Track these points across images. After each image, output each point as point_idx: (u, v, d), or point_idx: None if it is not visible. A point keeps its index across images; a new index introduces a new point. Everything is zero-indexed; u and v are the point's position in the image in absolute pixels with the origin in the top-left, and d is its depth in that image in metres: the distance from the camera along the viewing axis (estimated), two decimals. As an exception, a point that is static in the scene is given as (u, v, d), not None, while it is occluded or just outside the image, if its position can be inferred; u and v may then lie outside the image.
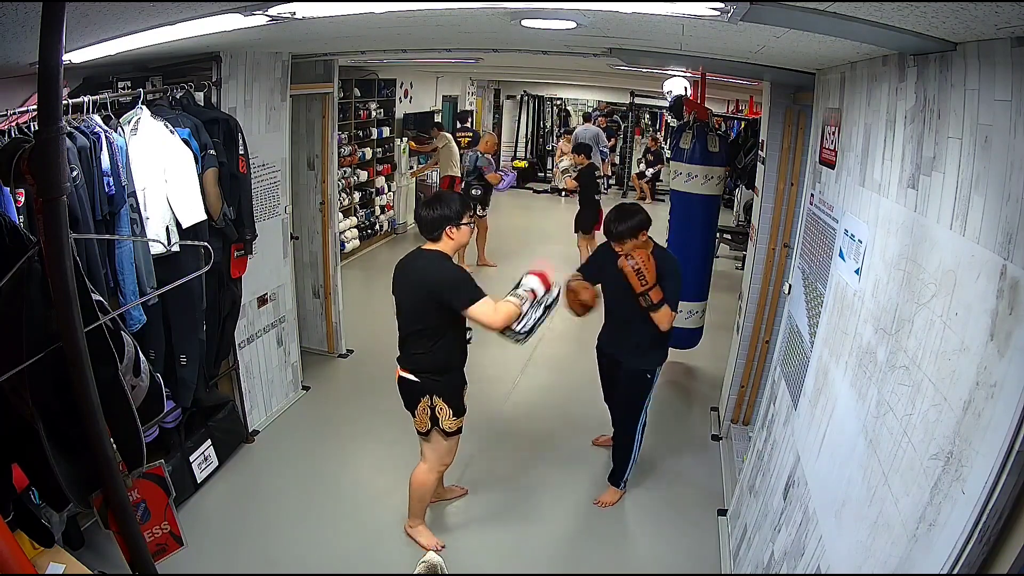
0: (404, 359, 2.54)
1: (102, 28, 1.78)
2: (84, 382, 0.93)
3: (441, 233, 2.42)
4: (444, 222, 2.41)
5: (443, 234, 2.43)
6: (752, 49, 2.20)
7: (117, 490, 1.03)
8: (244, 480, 3.18)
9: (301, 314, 4.13)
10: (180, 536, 1.34)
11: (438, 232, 2.43)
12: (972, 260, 1.17)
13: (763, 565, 2.15)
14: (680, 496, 3.21)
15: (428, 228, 2.44)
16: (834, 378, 1.85)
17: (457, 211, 2.42)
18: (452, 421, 2.53)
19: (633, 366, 2.93)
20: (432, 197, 2.55)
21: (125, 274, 2.36)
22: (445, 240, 2.44)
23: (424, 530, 2.77)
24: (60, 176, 0.86)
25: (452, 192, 2.54)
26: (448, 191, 2.57)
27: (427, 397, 2.50)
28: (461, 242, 2.49)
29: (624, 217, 2.75)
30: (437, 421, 2.52)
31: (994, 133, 1.16)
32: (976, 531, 1.04)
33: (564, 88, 12.82)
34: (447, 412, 2.51)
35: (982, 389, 1.08)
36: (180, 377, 2.79)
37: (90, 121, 2.29)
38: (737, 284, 4.60)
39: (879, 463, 1.42)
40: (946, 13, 1.10)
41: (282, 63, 3.47)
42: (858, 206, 1.88)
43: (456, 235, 2.45)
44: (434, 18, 2.20)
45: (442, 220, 2.41)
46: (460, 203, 2.46)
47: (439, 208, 2.43)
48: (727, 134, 5.94)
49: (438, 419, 2.51)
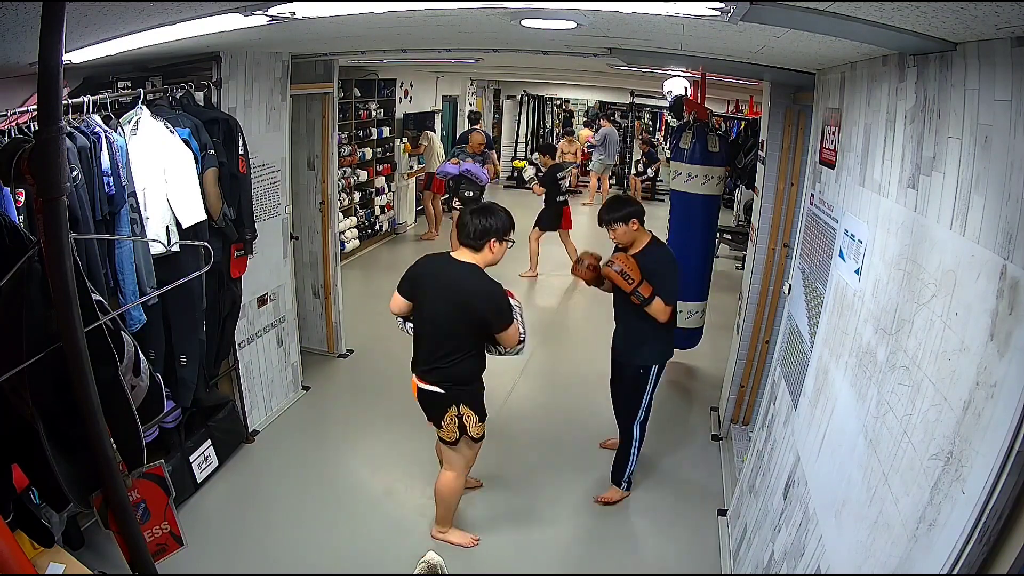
0: (428, 371, 2.48)
1: (102, 28, 1.78)
2: (84, 382, 0.93)
3: (484, 244, 2.39)
4: (490, 235, 2.39)
5: (486, 245, 2.40)
6: (752, 49, 2.20)
7: (117, 490, 1.03)
8: (244, 480, 3.18)
9: (301, 314, 4.13)
10: (180, 536, 1.34)
11: (482, 242, 2.39)
12: (972, 260, 1.17)
13: (763, 565, 2.15)
14: (680, 496, 3.21)
15: (472, 236, 2.39)
16: (834, 378, 1.85)
17: (505, 227, 2.42)
18: (479, 427, 2.55)
19: (628, 361, 2.98)
20: (482, 206, 2.50)
21: (125, 274, 2.36)
22: (485, 252, 2.41)
23: (455, 531, 2.78)
24: (60, 176, 0.86)
25: (502, 207, 2.53)
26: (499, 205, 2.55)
27: (454, 407, 2.48)
28: (496, 259, 2.46)
29: (615, 206, 2.84)
30: (465, 429, 2.51)
31: (994, 133, 1.16)
32: (976, 531, 1.04)
33: (564, 88, 12.83)
34: (474, 419, 2.52)
35: (982, 389, 1.08)
36: (180, 377, 2.78)
37: (90, 121, 2.29)
38: (737, 284, 4.60)
39: (879, 463, 1.42)
40: (946, 13, 1.10)
41: (282, 63, 3.47)
42: (858, 206, 1.88)
43: (496, 250, 2.43)
44: (434, 18, 2.20)
45: (489, 232, 2.39)
46: (509, 220, 2.45)
47: (489, 219, 2.39)
48: (727, 134, 5.95)
49: (466, 427, 2.51)
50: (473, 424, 2.52)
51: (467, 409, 2.50)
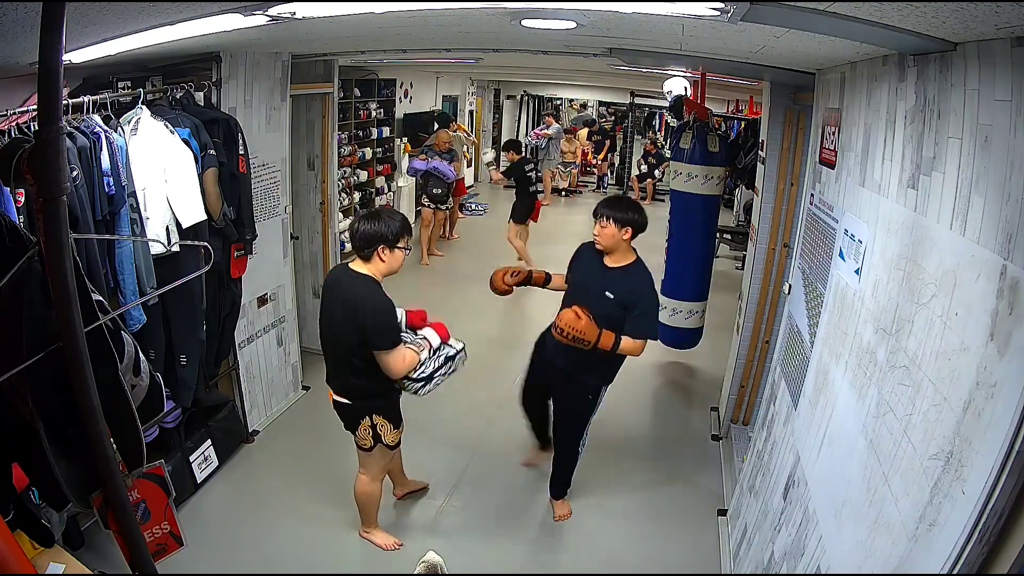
0: (337, 384, 2.46)
1: (102, 28, 1.78)
2: (84, 382, 0.93)
3: (372, 253, 2.25)
4: (378, 241, 2.23)
5: (374, 254, 2.25)
6: (752, 49, 2.20)
7: (117, 490, 1.03)
8: (244, 480, 3.18)
9: (301, 314, 4.13)
10: (180, 536, 1.34)
11: (369, 251, 2.25)
12: (972, 260, 1.17)
13: (763, 565, 2.15)
14: (680, 496, 3.21)
15: (360, 244, 2.26)
16: (834, 378, 1.85)
17: (395, 233, 2.24)
18: (393, 434, 2.52)
19: (577, 378, 2.73)
20: (373, 211, 2.36)
21: (125, 274, 2.36)
22: (376, 262, 2.27)
23: (379, 532, 2.78)
24: (60, 176, 0.86)
25: (396, 211, 2.39)
26: (393, 210, 2.46)
27: (367, 418, 2.45)
28: (392, 268, 2.30)
29: (619, 205, 2.59)
30: (380, 438, 2.49)
31: (994, 133, 1.16)
32: (976, 531, 1.04)
33: (564, 88, 12.83)
34: (388, 427, 2.48)
35: (982, 389, 1.08)
36: (180, 377, 2.78)
37: (90, 121, 2.28)
38: (737, 284, 4.60)
39: (879, 463, 1.42)
40: (946, 13, 1.10)
41: (282, 63, 3.47)
42: (858, 206, 1.88)
43: (388, 259, 2.27)
44: (434, 18, 2.20)
45: (376, 239, 2.23)
46: (401, 225, 2.27)
47: (375, 224, 2.24)
48: (727, 134, 5.95)
49: (380, 436, 2.48)
50: (387, 433, 2.48)
51: (380, 419, 2.45)
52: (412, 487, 3.09)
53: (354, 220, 2.34)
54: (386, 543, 2.74)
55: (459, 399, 3.97)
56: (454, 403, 3.90)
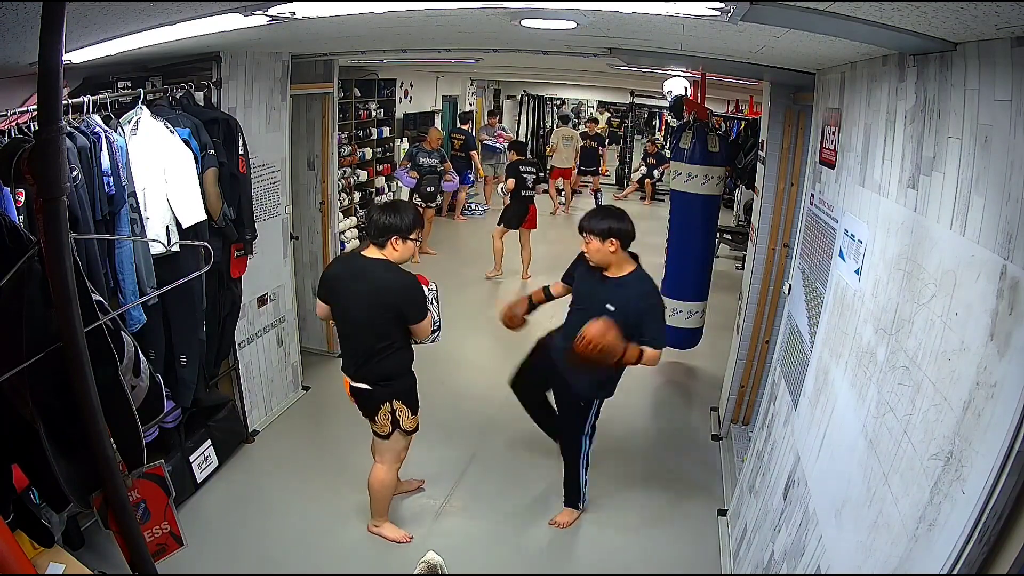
0: (357, 371, 2.51)
1: (102, 28, 1.78)
2: (84, 382, 0.93)
3: (386, 241, 2.41)
4: (392, 232, 2.39)
5: (388, 243, 2.41)
6: (752, 49, 2.20)
7: (117, 490, 1.03)
8: (244, 480, 3.18)
9: (301, 314, 4.13)
10: (180, 536, 1.34)
11: (384, 239, 2.41)
12: (972, 260, 1.17)
13: (763, 565, 2.15)
14: (680, 496, 3.21)
15: (375, 233, 2.42)
16: (834, 378, 1.85)
17: (408, 225, 2.41)
18: (411, 420, 2.59)
19: (574, 387, 2.73)
20: (390, 203, 2.52)
21: (125, 274, 2.36)
22: (389, 250, 2.42)
23: (389, 525, 2.81)
24: (60, 176, 0.86)
25: (410, 204, 2.57)
26: (408, 203, 2.59)
27: (387, 403, 2.52)
28: (403, 257, 2.45)
29: (597, 215, 2.55)
30: (398, 423, 2.55)
31: (994, 133, 1.16)
32: (976, 531, 1.04)
33: (564, 88, 12.83)
34: (407, 413, 2.56)
35: (982, 389, 1.08)
36: (180, 377, 2.78)
37: (90, 121, 2.28)
38: (737, 284, 4.60)
39: (879, 463, 1.42)
40: (946, 13, 1.10)
41: (282, 63, 3.47)
42: (858, 206, 1.89)
43: (400, 248, 2.42)
44: (434, 18, 2.20)
45: (391, 229, 2.39)
46: (414, 218, 2.44)
47: (392, 217, 2.41)
48: (727, 134, 5.96)
49: (399, 421, 2.55)
50: (406, 418, 2.56)
51: (400, 404, 2.53)
52: (405, 488, 3.09)
53: (371, 209, 2.57)
54: (396, 536, 2.77)
55: (459, 399, 3.98)
56: (454, 403, 3.91)
